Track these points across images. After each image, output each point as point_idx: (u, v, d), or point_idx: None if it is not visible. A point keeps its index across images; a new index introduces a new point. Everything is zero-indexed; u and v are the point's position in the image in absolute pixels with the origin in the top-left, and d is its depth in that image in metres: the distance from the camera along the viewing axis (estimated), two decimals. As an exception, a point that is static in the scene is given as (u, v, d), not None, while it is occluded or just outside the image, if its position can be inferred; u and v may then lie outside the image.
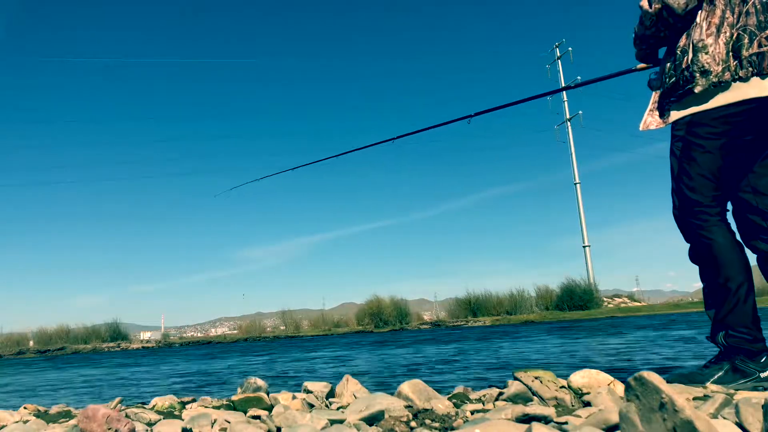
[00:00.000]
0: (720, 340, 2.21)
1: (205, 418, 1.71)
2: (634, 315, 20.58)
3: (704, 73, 2.19)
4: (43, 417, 2.11)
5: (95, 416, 1.49)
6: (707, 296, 2.30)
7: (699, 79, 2.20)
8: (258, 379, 2.29)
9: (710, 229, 2.25)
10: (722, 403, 1.43)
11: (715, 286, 2.24)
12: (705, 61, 2.19)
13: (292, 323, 28.36)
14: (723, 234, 2.24)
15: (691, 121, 2.28)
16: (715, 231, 2.24)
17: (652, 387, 0.96)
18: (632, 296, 31.27)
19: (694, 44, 2.22)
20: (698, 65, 2.20)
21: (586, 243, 32.91)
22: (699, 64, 2.20)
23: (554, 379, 1.91)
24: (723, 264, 2.20)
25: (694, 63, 2.21)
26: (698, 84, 2.20)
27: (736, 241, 2.26)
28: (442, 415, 1.67)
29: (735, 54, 2.15)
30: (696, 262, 2.35)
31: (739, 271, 2.19)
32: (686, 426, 0.90)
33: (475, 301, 26.08)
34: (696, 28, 2.23)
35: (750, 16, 2.15)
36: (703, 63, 2.19)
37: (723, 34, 2.18)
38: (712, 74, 2.18)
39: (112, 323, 27.82)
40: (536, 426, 1.21)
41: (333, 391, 2.24)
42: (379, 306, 26.27)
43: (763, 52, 2.13)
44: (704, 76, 2.19)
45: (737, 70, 2.15)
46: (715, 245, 2.22)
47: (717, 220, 2.26)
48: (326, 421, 1.60)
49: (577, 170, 33.79)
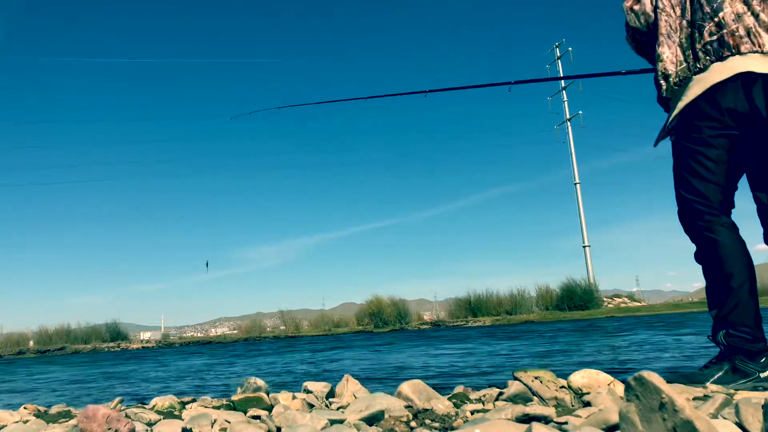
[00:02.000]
0: (720, 339, 2.21)
1: (205, 418, 1.71)
2: (634, 315, 20.58)
3: (666, 77, 2.38)
4: (43, 417, 2.11)
5: (95, 416, 1.49)
6: (710, 295, 2.30)
7: (663, 84, 2.40)
8: (258, 379, 2.29)
9: (714, 229, 2.24)
10: (722, 403, 1.43)
11: (718, 285, 2.24)
12: (662, 68, 2.39)
13: (292, 323, 28.34)
14: (727, 234, 2.23)
15: (677, 123, 2.37)
16: (719, 231, 2.23)
17: (652, 387, 0.96)
18: (632, 296, 31.27)
19: (657, 55, 2.42)
20: (660, 73, 2.40)
21: (586, 243, 32.91)
22: (660, 72, 2.40)
23: (554, 379, 1.91)
24: (726, 264, 2.20)
25: (657, 71, 2.42)
26: (663, 90, 2.40)
27: (741, 241, 2.26)
28: (442, 415, 1.67)
29: (690, 50, 2.32)
30: (700, 262, 2.35)
31: (742, 270, 2.18)
32: (686, 426, 0.90)
33: (475, 301, 26.06)
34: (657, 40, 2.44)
35: (696, 12, 2.32)
36: (661, 70, 2.39)
37: (675, 36, 2.36)
38: (671, 76, 2.36)
39: (111, 323, 27.84)
40: (536, 426, 1.21)
41: (333, 391, 2.24)
42: (379, 306, 26.25)
43: (714, 39, 2.25)
44: (666, 81, 2.39)
45: (695, 64, 2.29)
46: (719, 245, 2.22)
47: (721, 220, 2.26)
48: (326, 421, 1.60)
49: (577, 170, 33.82)
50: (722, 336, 2.20)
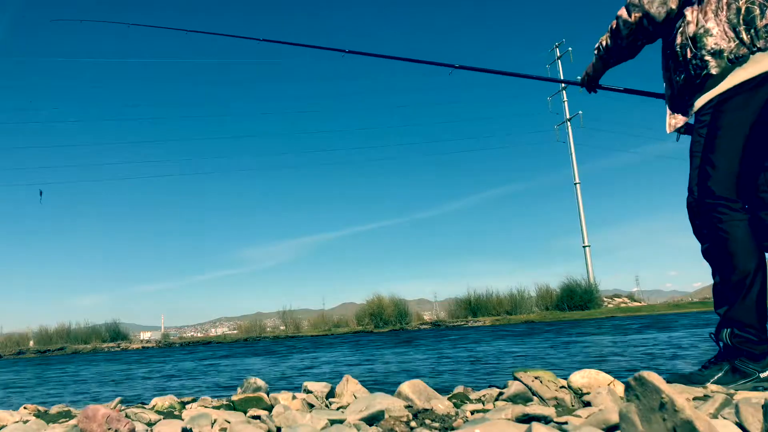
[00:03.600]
0: (725, 338, 2.14)
1: (205, 418, 1.71)
2: (634, 315, 20.58)
3: (716, 53, 2.13)
4: (43, 417, 2.10)
5: (95, 416, 1.49)
6: (718, 293, 2.20)
7: (712, 60, 2.12)
8: (258, 379, 2.29)
9: (730, 223, 2.12)
10: (722, 403, 1.43)
11: (726, 283, 2.14)
12: (712, 43, 2.12)
13: (292, 323, 28.34)
14: (743, 230, 2.13)
15: (717, 104, 2.15)
16: (735, 226, 2.12)
17: (652, 387, 0.96)
18: (632, 296, 31.24)
19: (696, 34, 2.16)
20: (706, 49, 2.13)
21: (586, 243, 32.89)
22: (707, 48, 2.13)
23: (554, 379, 1.91)
24: (738, 261, 2.10)
25: (701, 49, 2.14)
26: (712, 66, 2.12)
27: (754, 238, 2.15)
28: (442, 415, 1.67)
29: (748, 27, 2.09)
30: (710, 258, 2.22)
31: (756, 269, 2.10)
32: (686, 426, 0.90)
33: (475, 301, 26.06)
34: (689, 24, 2.19)
35: None
36: (711, 45, 2.12)
37: (724, 13, 2.13)
38: (725, 51, 2.10)
39: (111, 323, 27.85)
40: (536, 426, 1.21)
41: (333, 391, 2.23)
42: (380, 306, 26.23)
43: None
44: (717, 57, 2.11)
45: (754, 42, 2.08)
46: (731, 241, 2.12)
47: (738, 215, 2.14)
48: (326, 421, 1.60)
49: (577, 170, 33.78)
50: (727, 335, 2.13)
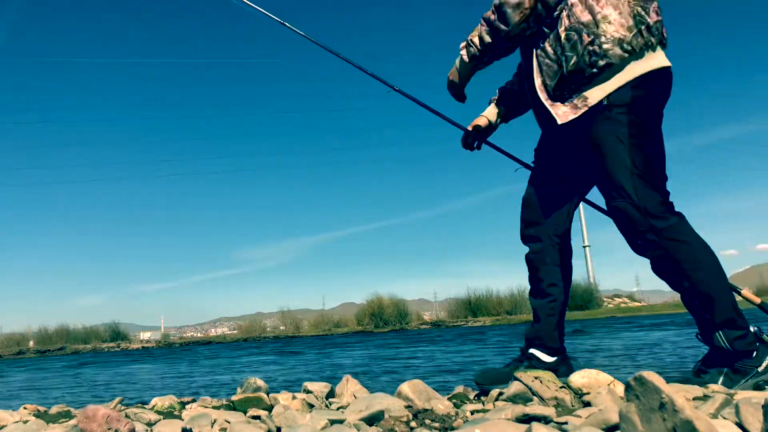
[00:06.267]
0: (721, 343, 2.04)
1: (205, 418, 1.71)
2: (634, 315, 20.57)
3: (618, 41, 1.97)
4: (43, 417, 2.10)
5: (95, 416, 1.49)
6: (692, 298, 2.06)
7: (612, 48, 1.97)
8: (258, 379, 2.29)
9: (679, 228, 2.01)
10: (722, 403, 1.43)
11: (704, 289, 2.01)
12: (613, 32, 1.97)
13: (292, 323, 28.37)
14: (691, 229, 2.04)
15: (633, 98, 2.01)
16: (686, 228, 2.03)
17: (652, 387, 0.96)
18: (632, 296, 31.30)
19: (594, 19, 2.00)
20: (606, 36, 1.97)
21: (586, 243, 32.96)
22: (607, 35, 1.97)
23: (554, 379, 1.91)
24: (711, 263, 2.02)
25: (600, 35, 1.98)
26: (613, 55, 1.97)
27: None
28: (442, 415, 1.67)
29: (641, 22, 2.00)
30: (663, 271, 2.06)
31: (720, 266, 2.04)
32: (686, 426, 0.90)
33: (475, 301, 26.09)
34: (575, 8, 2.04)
35: None
36: (612, 33, 1.97)
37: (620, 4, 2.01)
38: (625, 41, 1.97)
39: (111, 323, 27.90)
40: (536, 426, 1.21)
41: (333, 391, 2.24)
42: (380, 306, 26.26)
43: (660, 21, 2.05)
44: (618, 45, 1.97)
45: (649, 37, 2.00)
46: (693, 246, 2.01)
47: (679, 216, 2.03)
48: (326, 421, 1.60)
49: (577, 170, 33.75)
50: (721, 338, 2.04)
